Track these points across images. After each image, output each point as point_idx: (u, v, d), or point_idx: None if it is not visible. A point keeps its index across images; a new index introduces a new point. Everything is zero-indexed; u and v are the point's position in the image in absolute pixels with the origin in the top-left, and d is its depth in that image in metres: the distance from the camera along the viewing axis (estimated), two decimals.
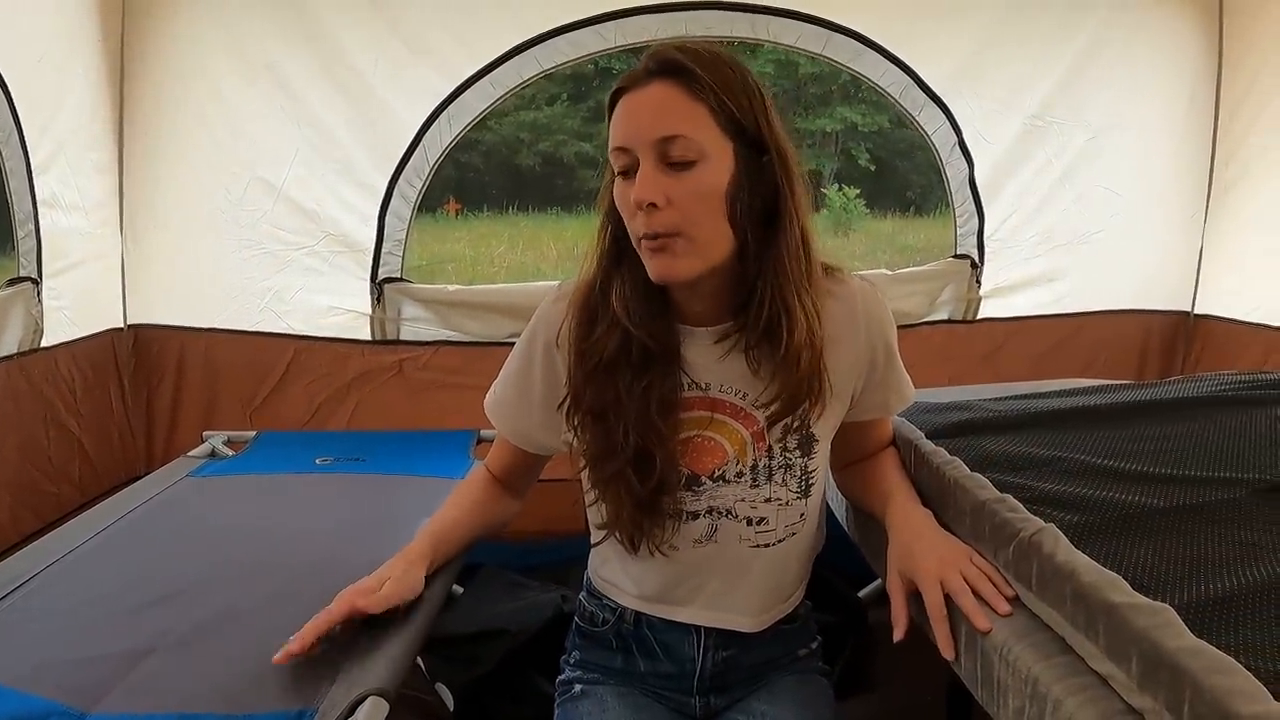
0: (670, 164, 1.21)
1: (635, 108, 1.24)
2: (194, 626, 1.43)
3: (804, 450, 1.38)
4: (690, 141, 1.21)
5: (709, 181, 1.22)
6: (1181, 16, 3.15)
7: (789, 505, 1.39)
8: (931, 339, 3.24)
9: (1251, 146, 3.12)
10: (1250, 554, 1.19)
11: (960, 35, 3.02)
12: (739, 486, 1.37)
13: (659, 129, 1.21)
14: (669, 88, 1.22)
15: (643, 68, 1.24)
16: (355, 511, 2.01)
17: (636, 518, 1.34)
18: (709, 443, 1.36)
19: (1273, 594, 1.08)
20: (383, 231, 2.81)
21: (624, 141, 1.23)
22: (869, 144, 19.24)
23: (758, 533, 1.39)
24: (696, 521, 1.37)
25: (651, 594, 1.44)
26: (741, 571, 1.41)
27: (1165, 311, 3.38)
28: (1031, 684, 1.06)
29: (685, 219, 1.22)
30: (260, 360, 2.84)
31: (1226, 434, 1.62)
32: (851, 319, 1.37)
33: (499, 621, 2.34)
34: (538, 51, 2.73)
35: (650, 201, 1.20)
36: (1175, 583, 1.11)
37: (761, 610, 1.45)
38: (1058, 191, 3.21)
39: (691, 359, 1.35)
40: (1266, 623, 1.02)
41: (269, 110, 2.67)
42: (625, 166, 1.24)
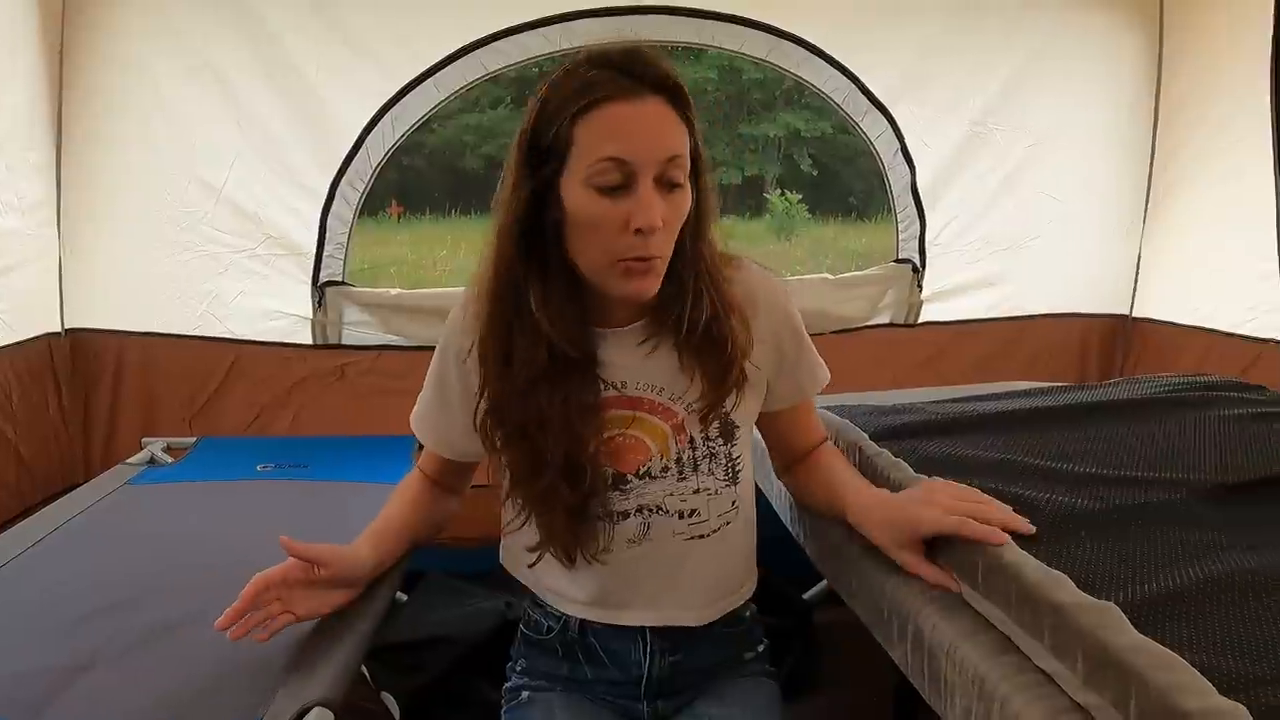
0: (664, 185, 1.20)
1: (642, 122, 1.19)
2: (134, 638, 1.41)
3: (726, 438, 1.39)
4: (683, 161, 1.22)
5: (687, 202, 1.24)
6: (1122, 25, 3.20)
7: (718, 494, 1.40)
8: (874, 343, 3.26)
9: (1188, 153, 3.17)
10: (1192, 552, 1.21)
11: (904, 43, 3.04)
12: (666, 481, 1.37)
13: (667, 148, 1.20)
14: (664, 104, 1.20)
15: (630, 74, 1.19)
16: (297, 519, 1.98)
17: (571, 527, 1.34)
18: (631, 441, 1.36)
19: (1214, 591, 1.10)
20: (324, 234, 2.78)
21: (627, 155, 1.18)
22: (812, 150, 19.40)
23: (691, 525, 1.39)
24: (628, 521, 1.37)
25: (593, 599, 1.43)
26: (679, 566, 1.41)
27: (1105, 315, 3.43)
28: (979, 683, 1.07)
29: (669, 241, 1.24)
30: (200, 365, 2.79)
31: (1167, 435, 1.65)
32: (751, 303, 1.38)
33: (444, 629, 2.33)
34: (482, 54, 2.71)
35: (658, 226, 1.19)
36: (1119, 582, 1.12)
37: (706, 603, 1.45)
38: (999, 197, 3.24)
39: (609, 360, 1.35)
40: (1209, 619, 1.04)
41: (210, 111, 2.63)
42: (616, 183, 1.19)
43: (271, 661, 1.28)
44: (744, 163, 19.38)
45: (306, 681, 1.23)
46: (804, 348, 1.47)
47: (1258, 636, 1.01)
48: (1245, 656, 0.97)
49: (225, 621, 1.24)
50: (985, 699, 1.05)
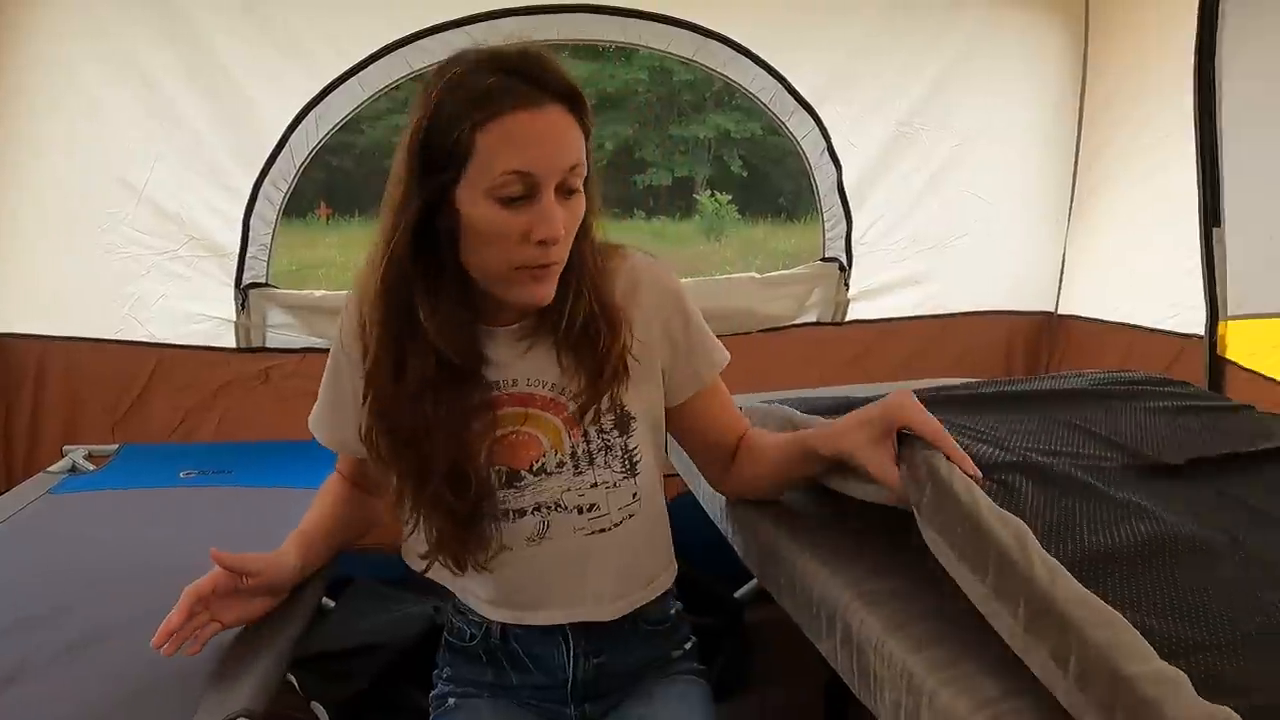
0: (562, 191, 1.20)
1: (545, 133, 1.18)
2: (57, 651, 1.38)
3: (621, 429, 1.37)
4: (583, 169, 1.21)
5: (584, 206, 1.24)
6: (1048, 25, 3.24)
7: (617, 487, 1.38)
8: (801, 342, 3.27)
9: (1112, 152, 3.22)
10: (1131, 514, 1.21)
11: (830, 43, 3.06)
12: (562, 477, 1.36)
13: (569, 157, 1.19)
14: (564, 111, 1.19)
15: (530, 81, 1.17)
16: (222, 525, 1.96)
17: (459, 535, 1.32)
18: (524, 437, 1.35)
19: (1153, 553, 1.12)
20: (247, 235, 2.73)
21: (531, 167, 1.16)
22: (742, 151, 19.51)
23: (591, 520, 1.38)
24: (524, 519, 1.36)
25: (502, 599, 1.43)
26: (583, 561, 1.40)
27: (1030, 313, 3.48)
28: (907, 677, 1.07)
29: (568, 246, 1.24)
30: (123, 370, 2.73)
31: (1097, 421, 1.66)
32: (634, 290, 1.38)
33: (373, 636, 2.31)
34: (407, 52, 2.68)
35: (560, 236, 1.19)
36: (1060, 535, 1.12)
37: (615, 598, 1.44)
38: (925, 196, 3.27)
39: (496, 358, 1.34)
40: (1148, 580, 1.06)
41: (133, 110, 2.57)
42: (520, 193, 1.17)
43: (195, 672, 1.26)
44: (674, 164, 19.44)
45: (230, 692, 1.21)
46: (695, 331, 1.44)
47: (1195, 601, 1.03)
48: (1184, 620, 0.99)
49: (160, 639, 1.21)
50: (914, 692, 1.06)
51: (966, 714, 0.97)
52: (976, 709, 0.98)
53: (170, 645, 1.21)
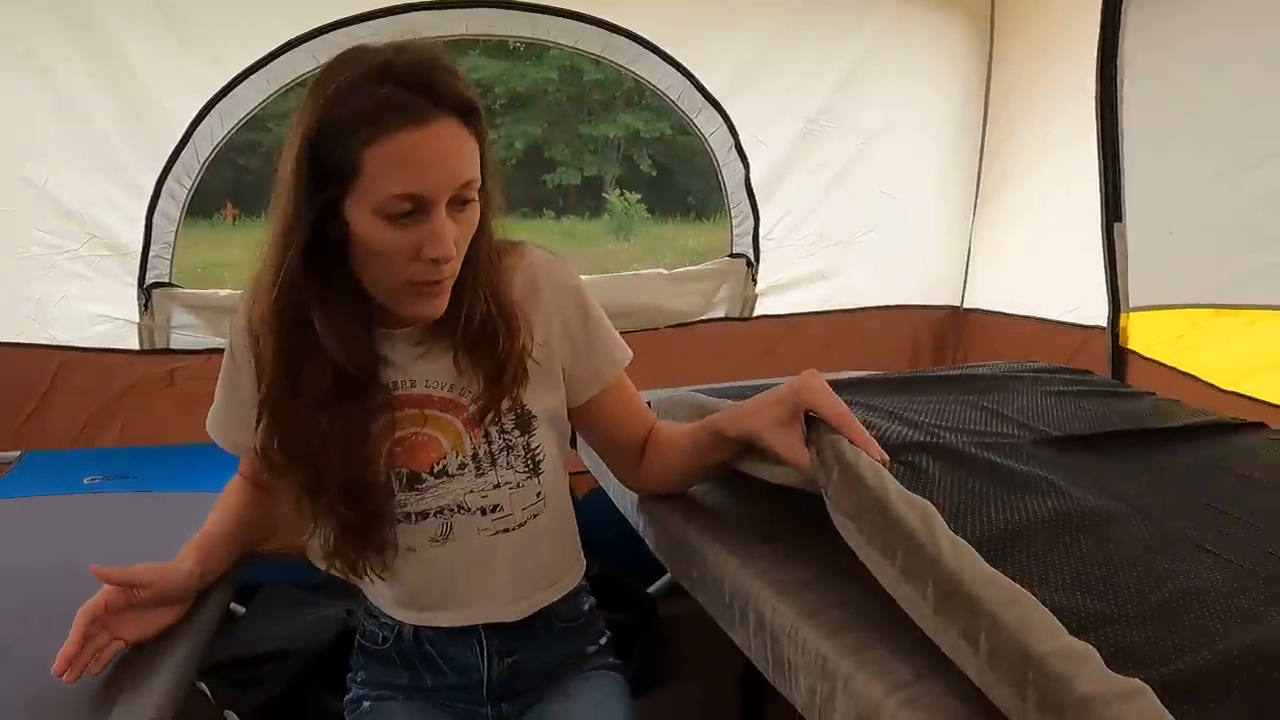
0: (454, 204, 1.16)
1: (436, 152, 1.12)
2: None
3: (523, 429, 1.36)
4: (476, 182, 1.17)
5: (476, 216, 1.21)
6: (954, 24, 3.31)
7: (520, 487, 1.37)
8: (709, 337, 3.29)
9: (1015, 147, 3.30)
10: (1035, 490, 1.25)
11: (738, 40, 3.08)
12: (464, 479, 1.34)
13: (460, 175, 1.14)
14: (456, 125, 1.14)
15: (420, 91, 1.11)
16: (126, 532, 1.90)
17: (355, 544, 1.31)
18: (424, 439, 1.33)
19: (1059, 528, 1.15)
20: (150, 233, 2.67)
21: (420, 189, 1.12)
22: (651, 150, 19.55)
23: (494, 520, 1.37)
24: (427, 521, 1.35)
25: (407, 600, 1.42)
26: (487, 562, 1.39)
27: (936, 306, 3.55)
28: (821, 662, 1.08)
29: (460, 258, 1.21)
30: (22, 375, 2.65)
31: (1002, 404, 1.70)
32: (533, 287, 1.35)
33: (284, 641, 2.28)
34: (314, 46, 2.64)
35: (450, 255, 1.16)
36: (964, 514, 1.15)
37: (518, 598, 1.43)
38: (832, 192, 3.31)
39: (394, 359, 1.32)
40: (1054, 556, 1.09)
41: (30, 102, 2.49)
42: (408, 210, 1.13)
43: (100, 683, 1.22)
44: (583, 163, 19.42)
45: (134, 701, 1.18)
46: (595, 328, 1.42)
47: (1102, 574, 1.06)
48: (1091, 594, 1.02)
49: (60, 666, 1.16)
50: (828, 678, 1.07)
51: (882, 697, 0.99)
52: (891, 691, 0.99)
53: (71, 672, 1.16)
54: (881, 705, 0.98)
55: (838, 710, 1.05)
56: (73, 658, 1.17)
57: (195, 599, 1.39)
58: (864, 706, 1.01)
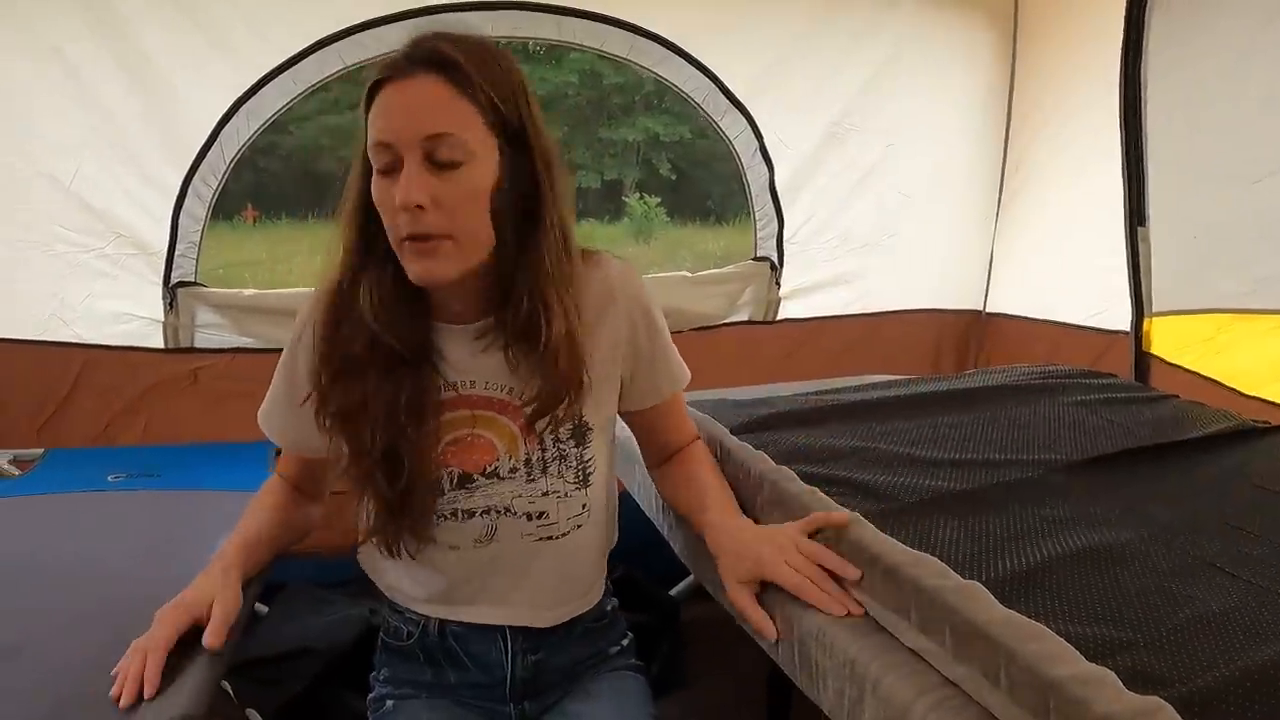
0: (436, 164, 1.17)
1: (400, 102, 1.18)
2: None
3: (578, 440, 1.37)
4: (457, 140, 1.18)
5: (476, 182, 1.20)
6: (978, 28, 3.31)
7: (568, 497, 1.38)
8: (732, 340, 3.30)
9: (1039, 152, 3.29)
10: (1048, 529, 1.26)
11: (763, 43, 3.08)
12: (514, 482, 1.35)
13: (426, 126, 1.17)
14: (435, 82, 1.17)
15: (404, 55, 1.19)
16: (151, 530, 1.91)
17: (390, 521, 1.32)
18: (478, 440, 1.34)
19: (1071, 564, 1.15)
20: (176, 233, 2.67)
21: (387, 137, 1.17)
22: (670, 154, 19.57)
23: (539, 526, 1.38)
24: (473, 520, 1.36)
25: (440, 595, 1.42)
26: (526, 566, 1.40)
27: (958, 310, 3.54)
28: (849, 665, 1.08)
29: (452, 221, 1.20)
30: (47, 372, 2.65)
31: (1020, 420, 1.71)
32: (609, 299, 1.37)
33: (307, 640, 2.28)
34: (341, 47, 2.65)
35: (416, 203, 1.17)
36: (981, 559, 1.16)
37: (554, 604, 1.44)
38: (856, 196, 3.31)
39: (452, 357, 1.33)
40: (1068, 590, 1.08)
41: (58, 102, 2.49)
42: (387, 164, 1.19)
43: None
44: (603, 167, 19.45)
45: (164, 700, 1.18)
46: (661, 347, 1.45)
47: (1116, 604, 1.06)
48: (1106, 623, 1.02)
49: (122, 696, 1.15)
50: (857, 681, 1.07)
51: (910, 699, 0.99)
52: (920, 694, 0.99)
53: (128, 696, 1.15)
54: (911, 708, 0.99)
55: (866, 713, 1.05)
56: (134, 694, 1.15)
57: None
58: (893, 709, 1.01)
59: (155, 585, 1.35)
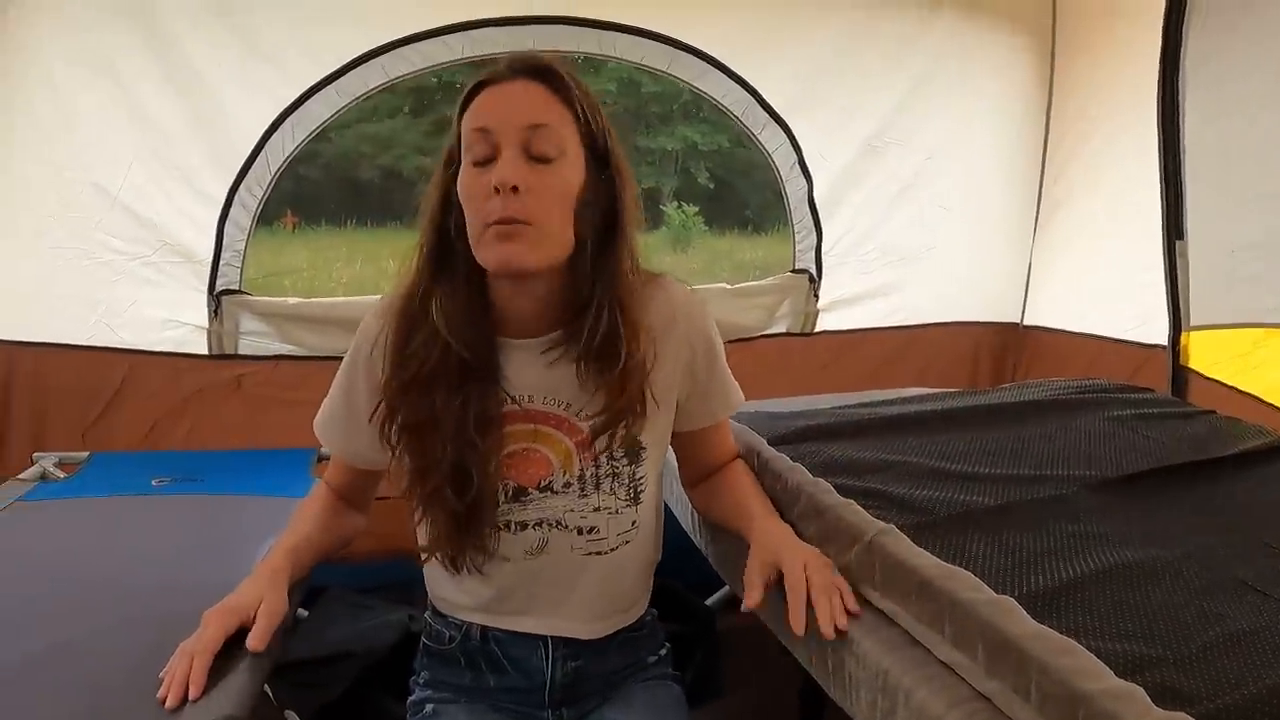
0: (532, 157, 1.22)
1: (504, 96, 1.25)
2: (27, 661, 1.34)
3: (631, 459, 1.39)
4: (555, 134, 1.24)
5: (566, 179, 1.25)
6: (1015, 42, 3.30)
7: (619, 513, 1.40)
8: (770, 351, 3.30)
9: (1078, 166, 3.27)
10: (1081, 544, 1.26)
11: (802, 56, 3.08)
12: (567, 497, 1.37)
13: (527, 116, 1.23)
14: (537, 85, 1.25)
15: (506, 66, 1.26)
16: (193, 534, 1.93)
17: (455, 536, 1.34)
18: (534, 454, 1.36)
19: (1103, 581, 1.15)
20: (221, 241, 2.71)
21: (488, 123, 1.24)
22: (708, 163, 19.50)
23: (589, 541, 1.40)
24: (526, 533, 1.38)
25: (487, 605, 1.44)
26: (574, 580, 1.42)
27: (996, 323, 3.53)
28: (882, 676, 1.09)
29: (540, 209, 1.23)
30: (93, 377, 2.69)
31: (1056, 435, 1.71)
32: (671, 323, 1.39)
33: (346, 644, 2.30)
34: (384, 60, 2.69)
35: (513, 184, 1.20)
36: (1014, 574, 1.16)
37: (599, 618, 1.46)
38: (894, 208, 3.31)
39: (511, 372, 1.35)
40: (1100, 607, 1.09)
41: (106, 113, 2.54)
42: (483, 154, 1.24)
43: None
44: (641, 175, 19.34)
45: (208, 703, 1.20)
46: (718, 370, 1.48)
47: (1147, 621, 1.07)
48: (1136, 639, 1.02)
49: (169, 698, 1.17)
50: (889, 692, 1.08)
51: (942, 711, 1.00)
52: (951, 706, 1.00)
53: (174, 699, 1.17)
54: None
55: None
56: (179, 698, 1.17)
57: None
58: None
59: (198, 588, 1.38)
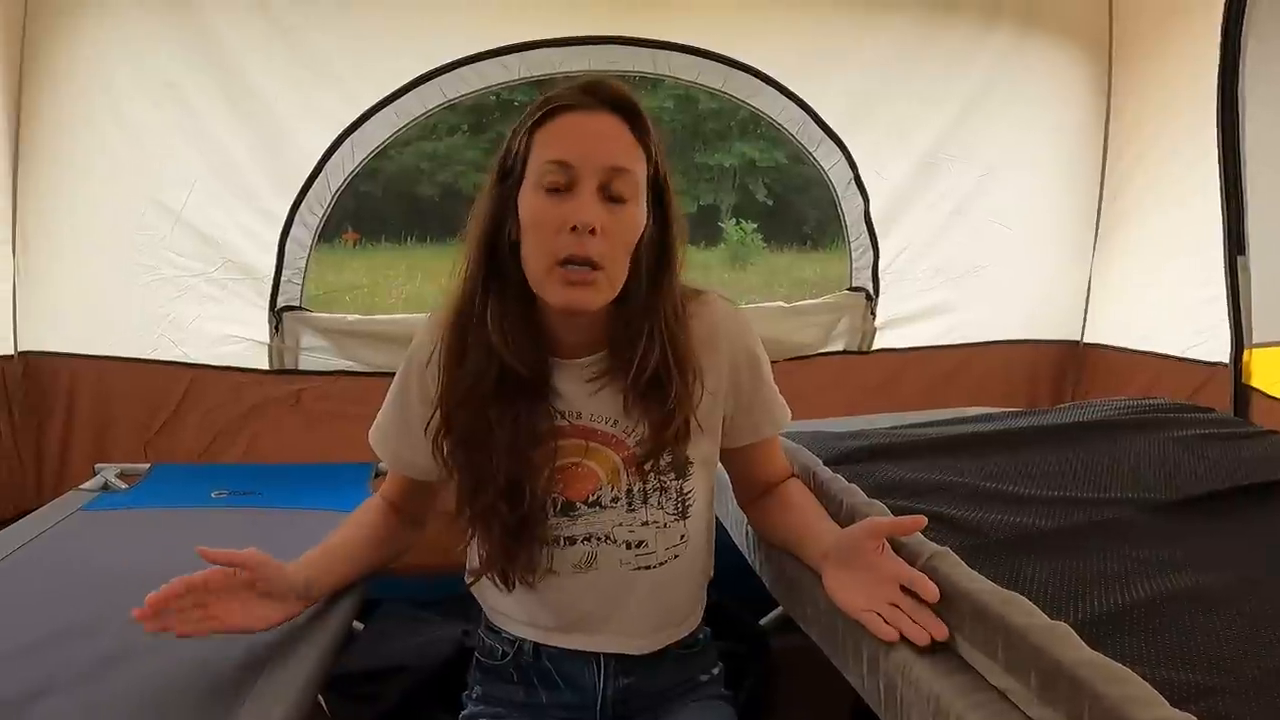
0: (609, 196, 1.23)
1: (590, 130, 1.25)
2: (87, 666, 1.37)
3: (679, 473, 1.40)
4: (632, 178, 1.24)
5: (636, 222, 1.26)
6: (1071, 56, 3.27)
7: (667, 527, 1.41)
8: (828, 370, 3.28)
9: (1137, 182, 3.22)
10: (1138, 570, 1.24)
11: (856, 73, 3.08)
12: (615, 511, 1.38)
13: (612, 158, 1.23)
14: (620, 123, 1.25)
15: (588, 92, 1.25)
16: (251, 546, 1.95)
17: (509, 550, 1.35)
18: (582, 469, 1.37)
19: (1161, 607, 1.14)
20: (283, 259, 2.76)
21: (569, 157, 1.23)
22: (766, 179, 19.47)
23: (638, 556, 1.40)
24: (574, 547, 1.38)
25: (539, 621, 1.45)
26: (624, 595, 1.42)
27: (1055, 341, 3.48)
28: (934, 701, 1.08)
29: (610, 252, 1.24)
30: (155, 390, 2.75)
31: (1115, 457, 1.68)
32: (712, 338, 1.39)
33: (401, 658, 2.31)
34: (442, 81, 2.72)
35: (593, 226, 1.21)
36: (1070, 599, 1.15)
37: (651, 632, 1.46)
38: (951, 225, 3.28)
39: (562, 390, 1.36)
40: (1157, 634, 1.07)
41: (170, 133, 2.60)
42: (559, 184, 1.23)
43: (228, 689, 1.26)
44: (699, 192, 19.41)
45: (262, 713, 1.22)
46: (763, 387, 1.47)
47: (1203, 649, 1.05)
48: (1193, 668, 1.01)
49: (142, 612, 1.23)
50: (940, 717, 1.07)
51: None
52: None
53: (151, 623, 1.24)
54: None
55: None
56: (155, 604, 1.23)
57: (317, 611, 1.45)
58: None
59: None
